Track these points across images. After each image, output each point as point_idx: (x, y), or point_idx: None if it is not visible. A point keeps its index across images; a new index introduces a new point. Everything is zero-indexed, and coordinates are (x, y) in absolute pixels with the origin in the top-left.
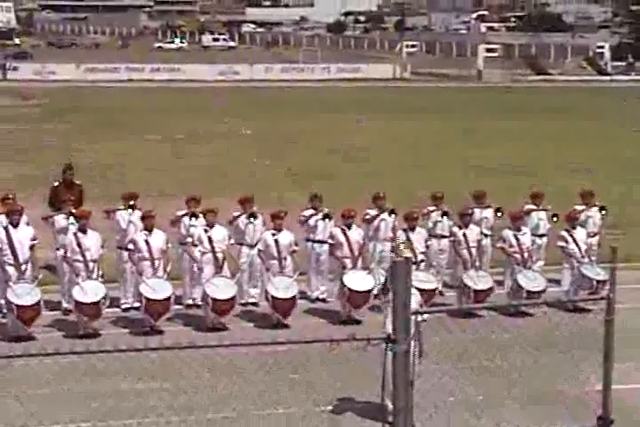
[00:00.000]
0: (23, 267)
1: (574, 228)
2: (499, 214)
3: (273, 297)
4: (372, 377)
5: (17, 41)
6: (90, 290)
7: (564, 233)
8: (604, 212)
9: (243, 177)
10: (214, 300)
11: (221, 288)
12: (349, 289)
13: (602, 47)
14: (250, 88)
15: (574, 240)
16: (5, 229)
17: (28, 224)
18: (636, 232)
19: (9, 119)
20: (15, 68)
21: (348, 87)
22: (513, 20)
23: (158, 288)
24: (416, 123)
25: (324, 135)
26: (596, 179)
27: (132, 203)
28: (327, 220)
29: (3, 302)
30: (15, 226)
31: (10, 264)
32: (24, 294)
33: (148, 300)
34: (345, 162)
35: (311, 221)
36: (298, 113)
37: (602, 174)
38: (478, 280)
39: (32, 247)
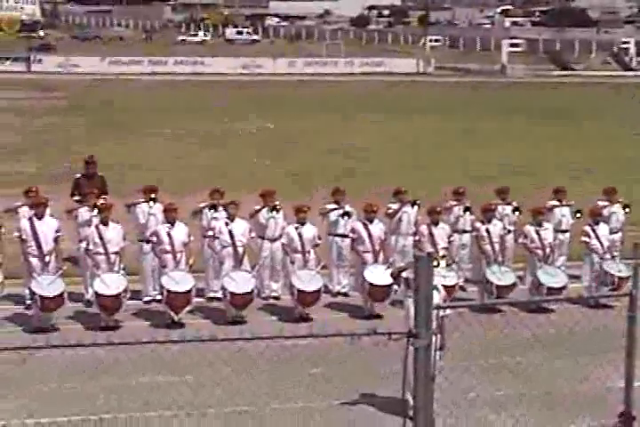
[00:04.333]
0: (47, 258)
1: (597, 223)
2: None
3: (298, 290)
4: (393, 372)
5: (41, 33)
6: (111, 282)
7: (587, 228)
8: (627, 209)
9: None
10: (232, 294)
11: (240, 282)
12: (370, 284)
13: (627, 42)
14: (273, 82)
15: (597, 236)
16: (30, 220)
17: (52, 216)
18: None
19: (34, 112)
20: (39, 61)
21: (371, 81)
22: (537, 14)
23: (180, 281)
24: (434, 122)
25: (336, 134)
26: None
27: (152, 196)
28: (347, 217)
29: (27, 292)
30: (40, 218)
31: (34, 256)
32: (48, 285)
33: (170, 292)
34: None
35: (332, 216)
36: (313, 111)
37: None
38: (501, 276)
39: (56, 239)
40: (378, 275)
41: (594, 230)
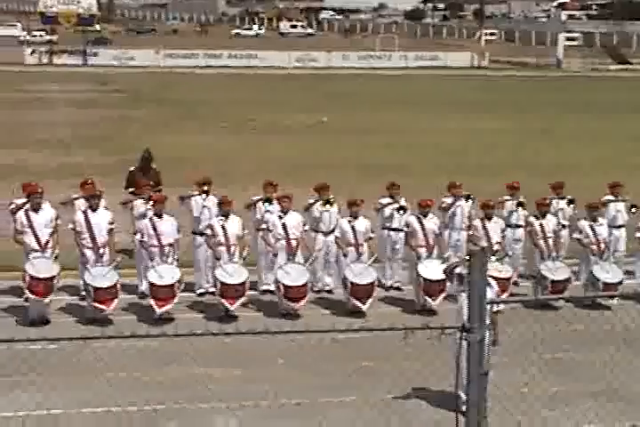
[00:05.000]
0: (101, 251)
1: None
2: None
3: (352, 283)
4: (446, 367)
5: (97, 27)
6: (165, 273)
7: None
8: None
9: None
10: (286, 286)
11: (293, 275)
12: (424, 278)
13: None
14: (327, 75)
15: None
16: (84, 213)
17: (106, 208)
18: None
19: (91, 104)
20: (95, 54)
21: (425, 75)
22: (595, 7)
23: (234, 273)
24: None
25: (392, 129)
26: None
27: (205, 188)
28: (402, 212)
29: (81, 283)
30: (94, 210)
31: (88, 248)
32: (101, 276)
33: (224, 284)
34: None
35: (387, 210)
36: (369, 105)
37: None
38: (556, 271)
39: (110, 231)
40: (432, 269)
41: None
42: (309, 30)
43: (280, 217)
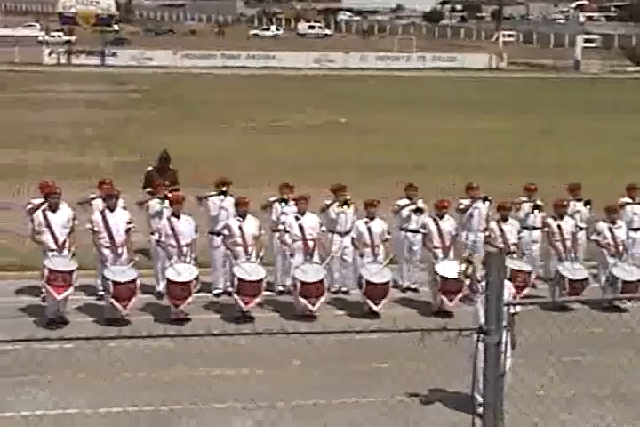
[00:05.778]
0: (119, 250)
1: None
2: None
3: (367, 282)
4: (463, 368)
5: (116, 27)
6: (183, 271)
7: None
8: None
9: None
10: (303, 283)
11: (311, 273)
12: (442, 277)
13: None
14: (344, 76)
15: None
16: (102, 212)
17: (124, 208)
18: None
19: (109, 104)
20: (114, 54)
21: (443, 77)
22: (613, 9)
23: (251, 271)
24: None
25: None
26: None
27: (223, 189)
28: (419, 213)
29: (99, 283)
30: (112, 210)
31: (106, 247)
32: (121, 272)
33: (242, 281)
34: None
35: (405, 211)
36: (386, 106)
37: None
38: (574, 271)
39: (128, 231)
40: (449, 269)
41: None
42: (327, 31)
43: (297, 218)
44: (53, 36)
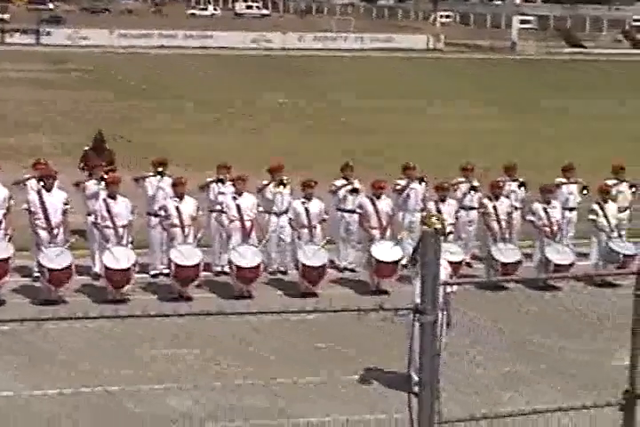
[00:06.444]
0: (55, 231)
1: (605, 201)
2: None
3: (303, 265)
4: (399, 348)
5: (51, 6)
6: (121, 256)
7: (596, 206)
8: (634, 189)
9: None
10: (239, 267)
11: (247, 256)
12: (377, 260)
13: (638, 20)
14: (281, 57)
15: (604, 214)
16: (38, 193)
17: (61, 189)
18: None
19: (45, 85)
20: (48, 33)
21: (381, 57)
22: None
23: (188, 255)
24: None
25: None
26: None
27: (160, 169)
28: (355, 193)
29: (35, 264)
30: (48, 190)
31: (42, 228)
32: (56, 257)
33: (178, 266)
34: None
35: (341, 192)
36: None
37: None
38: (506, 253)
39: (64, 212)
40: (385, 251)
41: (602, 208)
42: (265, 11)
43: (234, 198)
44: None
